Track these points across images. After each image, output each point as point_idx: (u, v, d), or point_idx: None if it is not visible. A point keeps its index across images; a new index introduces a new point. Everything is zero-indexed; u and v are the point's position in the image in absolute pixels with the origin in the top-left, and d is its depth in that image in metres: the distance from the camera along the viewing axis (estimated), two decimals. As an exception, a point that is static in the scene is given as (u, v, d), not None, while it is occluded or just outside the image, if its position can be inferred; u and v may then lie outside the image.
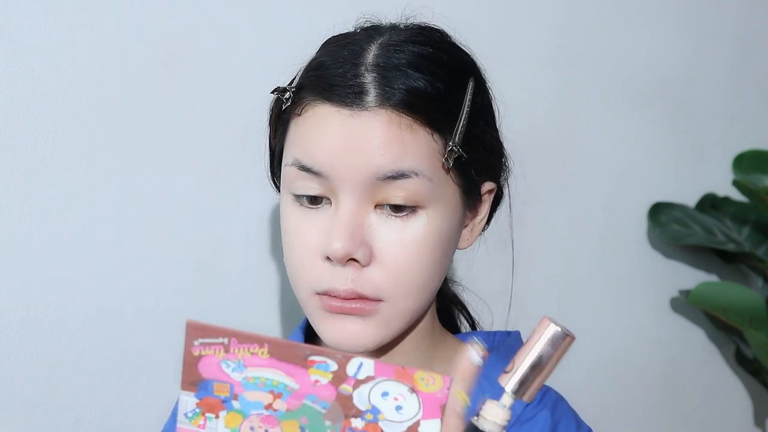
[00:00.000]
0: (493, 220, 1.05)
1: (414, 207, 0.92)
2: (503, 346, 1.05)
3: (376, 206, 0.92)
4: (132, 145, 1.26)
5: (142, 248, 1.28)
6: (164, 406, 1.19)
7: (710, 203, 1.81)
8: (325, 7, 1.37)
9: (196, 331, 0.71)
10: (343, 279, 0.91)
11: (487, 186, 0.99)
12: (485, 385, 0.96)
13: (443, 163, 0.92)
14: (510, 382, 0.78)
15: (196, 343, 0.71)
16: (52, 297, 1.22)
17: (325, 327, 0.94)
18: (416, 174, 0.90)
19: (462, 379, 0.74)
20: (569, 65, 1.65)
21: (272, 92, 0.97)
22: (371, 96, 0.90)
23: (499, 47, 1.56)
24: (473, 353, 0.76)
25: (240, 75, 1.33)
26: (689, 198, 1.80)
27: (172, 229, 1.30)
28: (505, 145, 1.03)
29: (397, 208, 0.91)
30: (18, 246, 1.19)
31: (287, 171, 0.94)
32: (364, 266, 0.91)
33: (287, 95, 0.95)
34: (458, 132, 0.92)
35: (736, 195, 1.80)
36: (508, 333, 1.08)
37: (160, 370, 1.30)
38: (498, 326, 1.15)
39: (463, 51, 1.00)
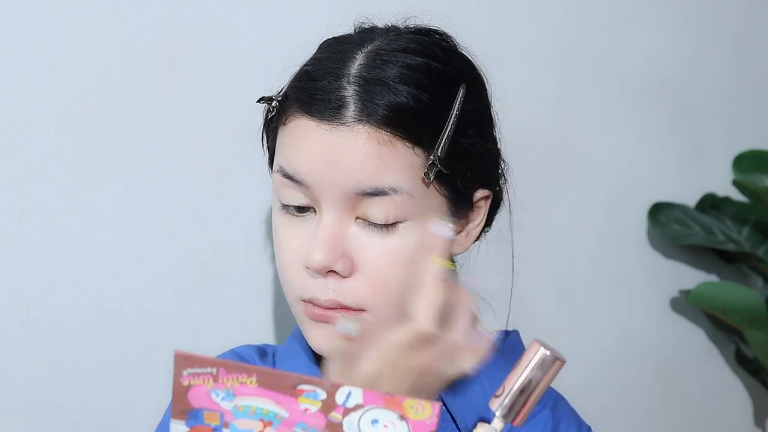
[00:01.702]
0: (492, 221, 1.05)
1: (396, 222, 0.91)
2: (502, 345, 1.05)
3: (357, 218, 0.91)
4: (132, 145, 1.26)
5: (142, 248, 1.28)
6: (164, 406, 1.19)
7: (710, 203, 1.81)
8: (325, 7, 1.37)
9: (184, 361, 0.71)
10: (325, 289, 0.92)
11: (481, 193, 0.98)
12: (485, 383, 0.97)
13: (423, 178, 0.91)
14: (500, 406, 0.79)
15: (185, 373, 0.71)
16: (52, 297, 1.22)
17: (309, 332, 0.95)
18: (395, 191, 0.90)
19: (436, 252, 0.84)
20: (569, 65, 1.65)
21: (258, 101, 0.97)
22: (351, 111, 0.90)
23: (499, 47, 1.56)
24: (438, 227, 0.85)
25: (240, 75, 1.33)
26: (689, 198, 1.80)
27: (172, 229, 1.30)
28: (504, 145, 1.02)
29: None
30: (18, 246, 1.19)
31: (275, 177, 0.95)
32: (345, 277, 0.91)
33: (273, 104, 0.95)
34: (441, 145, 0.91)
35: (736, 195, 1.79)
36: (507, 333, 1.08)
37: (160, 370, 1.29)
38: (498, 326, 1.15)
39: (459, 56, 0.98)
